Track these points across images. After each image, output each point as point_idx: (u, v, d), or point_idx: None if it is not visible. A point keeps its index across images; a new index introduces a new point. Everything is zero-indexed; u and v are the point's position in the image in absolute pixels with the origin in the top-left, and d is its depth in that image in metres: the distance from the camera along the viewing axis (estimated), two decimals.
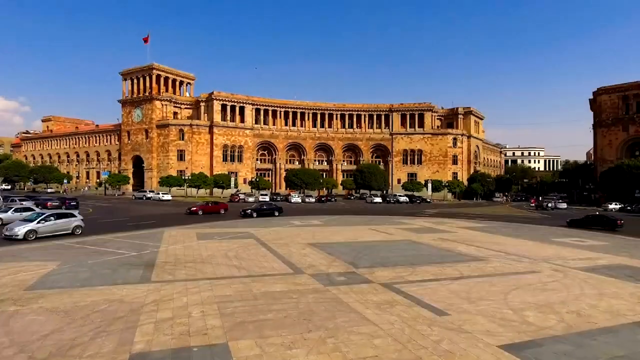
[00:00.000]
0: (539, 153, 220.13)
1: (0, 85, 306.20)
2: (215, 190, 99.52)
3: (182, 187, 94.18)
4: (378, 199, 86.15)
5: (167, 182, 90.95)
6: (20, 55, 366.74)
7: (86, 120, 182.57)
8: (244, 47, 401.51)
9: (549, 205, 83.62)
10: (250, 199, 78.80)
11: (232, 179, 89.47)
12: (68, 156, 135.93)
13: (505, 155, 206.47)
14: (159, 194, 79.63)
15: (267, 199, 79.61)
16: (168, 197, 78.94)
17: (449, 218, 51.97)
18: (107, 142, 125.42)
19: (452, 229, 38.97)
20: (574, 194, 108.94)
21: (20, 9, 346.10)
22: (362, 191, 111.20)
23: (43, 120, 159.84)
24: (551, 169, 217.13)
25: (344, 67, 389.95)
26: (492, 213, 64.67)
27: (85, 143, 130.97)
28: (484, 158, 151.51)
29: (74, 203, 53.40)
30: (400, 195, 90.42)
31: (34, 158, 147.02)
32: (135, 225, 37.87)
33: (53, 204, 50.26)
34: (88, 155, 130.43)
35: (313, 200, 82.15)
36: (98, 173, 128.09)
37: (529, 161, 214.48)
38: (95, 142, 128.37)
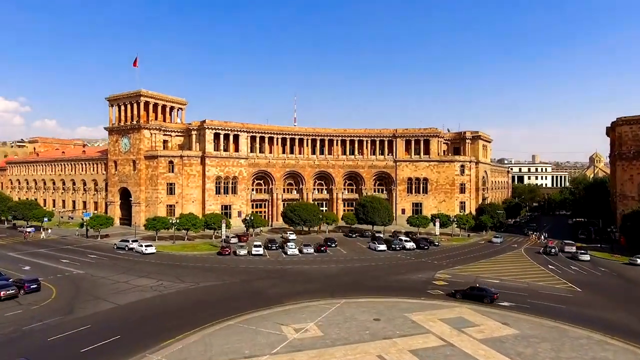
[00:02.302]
0: (545, 169, 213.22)
1: (0, 85, 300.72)
2: (207, 231, 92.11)
3: (171, 229, 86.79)
4: (382, 246, 78.95)
5: (153, 225, 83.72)
6: (20, 55, 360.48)
7: (75, 139, 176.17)
8: (239, 70, 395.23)
9: (553, 251, 79.85)
10: (243, 252, 71.49)
11: (224, 223, 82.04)
12: (54, 183, 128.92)
13: (512, 170, 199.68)
14: (142, 245, 72.40)
15: (260, 251, 72.34)
16: (152, 249, 71.61)
17: (466, 302, 44.85)
18: (93, 170, 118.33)
19: (479, 352, 31.79)
20: (591, 232, 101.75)
21: (21, 9, 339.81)
22: (364, 227, 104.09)
23: (30, 142, 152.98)
24: (559, 185, 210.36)
25: (343, 91, 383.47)
26: (511, 280, 57.52)
27: (71, 170, 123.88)
28: (492, 181, 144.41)
29: (35, 285, 46.19)
30: (406, 240, 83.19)
31: (19, 183, 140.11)
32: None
33: (8, 292, 43.13)
34: (74, 184, 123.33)
35: (312, 250, 74.94)
36: (85, 203, 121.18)
37: (536, 177, 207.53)
38: (82, 170, 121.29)
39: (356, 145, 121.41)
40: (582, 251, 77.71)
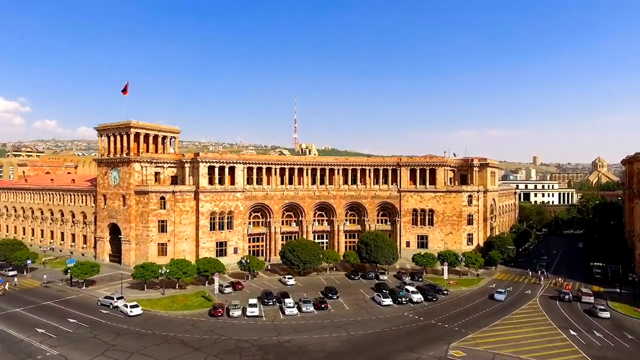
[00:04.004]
0: (552, 186, 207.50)
1: (0, 85, 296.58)
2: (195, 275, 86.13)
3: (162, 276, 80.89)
4: (387, 301, 73.16)
5: (142, 274, 77.86)
6: (20, 56, 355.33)
7: (67, 161, 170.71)
8: (238, 92, 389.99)
9: (567, 297, 77.77)
10: (236, 313, 65.73)
11: (216, 278, 75.77)
12: (42, 212, 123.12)
13: (518, 187, 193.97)
14: (127, 306, 66.62)
15: (255, 311, 66.52)
16: (137, 310, 65.86)
17: None
18: (82, 202, 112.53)
19: None
20: (608, 272, 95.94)
21: (21, 11, 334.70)
22: (367, 265, 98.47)
23: (19, 165, 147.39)
24: (566, 202, 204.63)
25: (343, 94, 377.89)
26: None
27: (60, 200, 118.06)
28: (500, 206, 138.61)
29: None
30: (413, 291, 77.39)
31: (7, 210, 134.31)
32: None
33: None
34: (62, 215, 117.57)
35: (311, 308, 69.22)
36: (73, 236, 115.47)
37: (543, 195, 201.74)
38: (70, 201, 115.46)
39: (358, 174, 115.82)
40: (602, 306, 71.93)
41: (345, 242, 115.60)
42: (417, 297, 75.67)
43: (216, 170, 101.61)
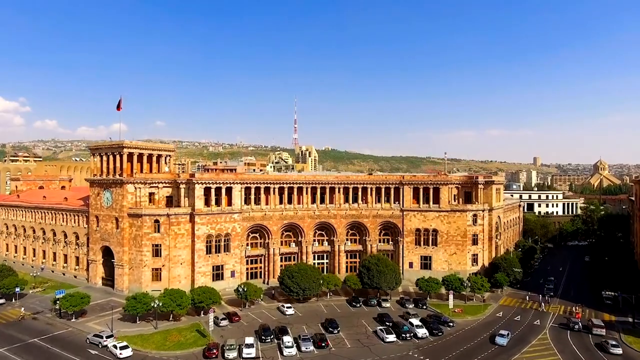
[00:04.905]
0: (556, 196, 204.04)
1: (0, 85, 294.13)
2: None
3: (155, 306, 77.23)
4: (391, 337, 69.68)
5: (134, 308, 74.21)
6: (20, 56, 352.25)
7: (63, 172, 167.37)
8: (238, 92, 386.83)
9: (576, 327, 75.51)
10: (232, 355, 62.14)
11: (211, 314, 72.14)
12: (34, 231, 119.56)
13: (521, 198, 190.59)
14: (116, 347, 63.02)
15: (252, 352, 62.93)
16: (127, 352, 62.37)
17: None
18: (74, 222, 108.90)
19: None
20: (618, 297, 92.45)
21: (21, 11, 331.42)
22: (369, 290, 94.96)
23: (12, 179, 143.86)
24: (570, 212, 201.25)
25: (341, 94, 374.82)
26: None
27: (52, 219, 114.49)
28: (504, 222, 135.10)
29: None
30: (417, 325, 73.89)
31: None
32: None
33: None
34: (55, 234, 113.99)
35: (311, 347, 65.68)
36: (65, 257, 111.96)
37: (547, 205, 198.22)
38: (62, 221, 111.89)
39: (360, 192, 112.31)
40: (614, 342, 68.60)
41: (346, 263, 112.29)
42: (422, 331, 72.17)
43: (212, 191, 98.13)
